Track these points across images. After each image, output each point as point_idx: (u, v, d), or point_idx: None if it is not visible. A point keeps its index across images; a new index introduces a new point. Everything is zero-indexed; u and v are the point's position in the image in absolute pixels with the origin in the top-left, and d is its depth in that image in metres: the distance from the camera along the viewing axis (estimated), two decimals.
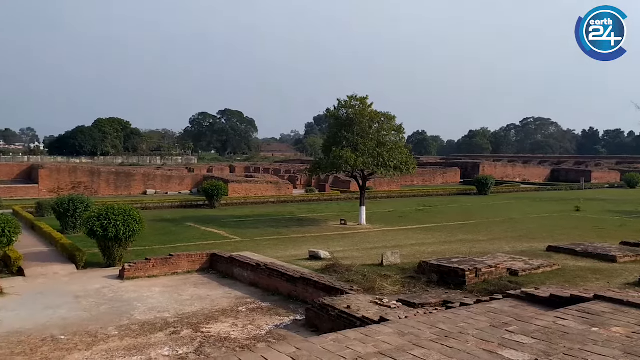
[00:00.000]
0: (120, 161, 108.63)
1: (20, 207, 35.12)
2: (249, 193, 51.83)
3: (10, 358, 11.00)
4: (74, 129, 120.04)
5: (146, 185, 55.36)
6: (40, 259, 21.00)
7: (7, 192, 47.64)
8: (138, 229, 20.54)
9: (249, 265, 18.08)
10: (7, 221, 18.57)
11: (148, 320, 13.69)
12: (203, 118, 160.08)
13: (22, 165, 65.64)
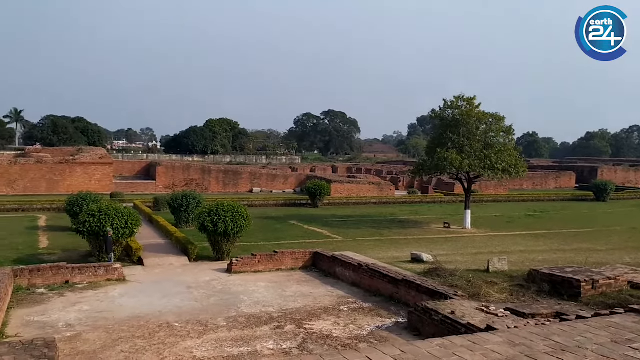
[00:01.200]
0: (228, 160, 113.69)
1: (140, 202, 37.83)
2: (351, 193, 52.13)
3: (132, 340, 11.88)
4: (187, 129, 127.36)
5: (252, 184, 57.47)
6: (157, 250, 22.48)
7: (129, 187, 51.58)
8: (245, 226, 21.36)
9: (350, 265, 18.17)
10: (130, 214, 20.09)
11: (254, 314, 14.19)
12: (307, 119, 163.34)
13: (142, 162, 70.66)
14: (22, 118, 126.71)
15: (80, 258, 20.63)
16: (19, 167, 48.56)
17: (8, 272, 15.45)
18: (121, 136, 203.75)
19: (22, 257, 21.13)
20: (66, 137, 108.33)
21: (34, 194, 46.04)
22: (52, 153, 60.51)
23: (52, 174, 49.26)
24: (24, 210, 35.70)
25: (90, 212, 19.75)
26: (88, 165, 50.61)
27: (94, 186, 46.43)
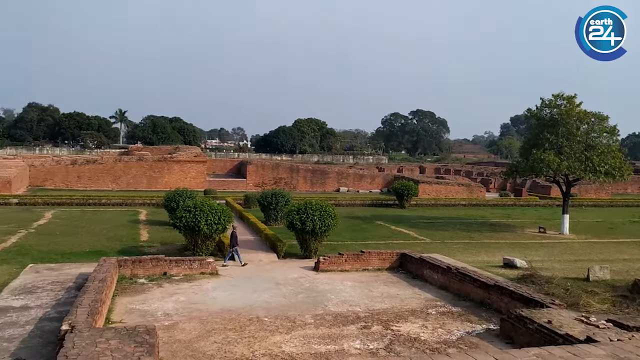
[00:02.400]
0: (315, 159, 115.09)
1: (232, 199, 39.19)
2: (439, 194, 51.05)
3: (224, 332, 12.33)
4: (276, 129, 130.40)
5: (339, 183, 57.81)
6: (247, 246, 23.16)
7: (221, 185, 53.64)
8: (332, 225, 21.52)
9: (439, 267, 17.79)
10: (223, 211, 20.86)
11: (341, 313, 14.25)
12: (395, 118, 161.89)
13: (233, 161, 73.21)
14: (126, 118, 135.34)
15: (176, 251, 21.70)
16: (122, 164, 51.93)
17: (113, 262, 16.55)
18: (214, 135, 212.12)
19: (125, 248, 22.58)
20: (164, 136, 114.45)
21: (135, 190, 49.05)
22: (151, 151, 64.22)
23: (152, 171, 52.23)
24: (127, 204, 38.08)
25: (186, 208, 20.71)
26: (184, 163, 53.14)
27: (189, 183, 48.67)
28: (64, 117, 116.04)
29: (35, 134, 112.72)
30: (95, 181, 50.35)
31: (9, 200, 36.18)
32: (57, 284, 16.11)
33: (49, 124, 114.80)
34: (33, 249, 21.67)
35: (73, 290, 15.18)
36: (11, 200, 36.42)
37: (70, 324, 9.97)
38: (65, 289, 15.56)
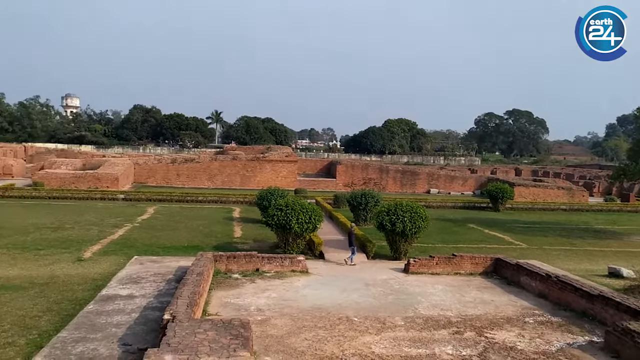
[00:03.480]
0: (405, 160, 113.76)
1: (321, 198, 39.60)
2: (537, 198, 48.72)
3: (314, 330, 12.47)
4: (366, 129, 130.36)
5: (430, 185, 56.78)
6: (336, 245, 23.31)
7: (311, 184, 54.42)
8: (423, 226, 21.14)
9: (537, 274, 16.94)
10: (313, 210, 21.12)
11: (431, 316, 13.97)
12: (489, 118, 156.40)
13: (323, 161, 74.00)
14: (221, 119, 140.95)
15: (268, 248, 22.26)
16: (218, 163, 54.11)
17: (210, 257, 17.27)
18: (304, 135, 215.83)
19: (220, 244, 23.48)
20: (257, 136, 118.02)
21: (229, 188, 50.93)
22: (245, 151, 66.43)
23: (245, 170, 53.99)
24: (222, 202, 39.60)
25: (278, 206, 21.18)
26: (276, 162, 54.45)
27: (280, 182, 49.80)
28: (165, 118, 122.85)
29: (140, 134, 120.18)
30: (192, 179, 52.85)
31: (116, 196, 38.82)
32: (158, 275, 17.05)
33: (152, 124, 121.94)
34: (137, 242, 23.09)
35: (173, 282, 16.00)
36: (118, 195, 39.05)
37: (171, 314, 10.51)
38: (165, 280, 16.43)
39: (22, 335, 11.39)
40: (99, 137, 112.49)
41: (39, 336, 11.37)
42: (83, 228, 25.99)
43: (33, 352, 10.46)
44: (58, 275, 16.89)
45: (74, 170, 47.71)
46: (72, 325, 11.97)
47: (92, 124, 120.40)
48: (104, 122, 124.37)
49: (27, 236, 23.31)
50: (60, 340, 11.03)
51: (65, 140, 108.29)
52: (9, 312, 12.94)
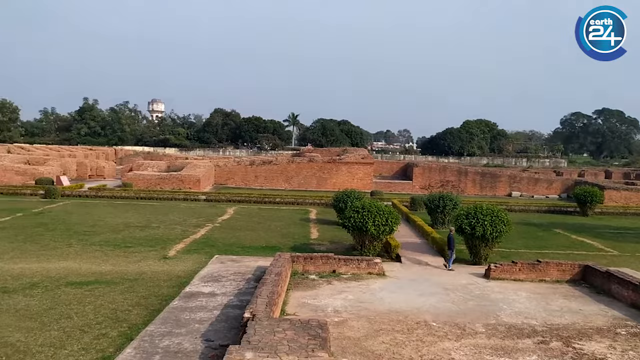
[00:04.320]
0: (485, 162, 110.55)
1: (398, 201, 39.24)
2: (629, 202, 45.78)
3: (392, 333, 12.35)
4: (443, 131, 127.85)
5: (511, 187, 54.80)
6: (413, 248, 23.01)
7: (387, 186, 54.02)
8: (505, 231, 20.41)
9: (630, 283, 15.91)
10: (390, 212, 20.94)
11: (514, 324, 13.45)
12: (576, 118, 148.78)
13: (399, 163, 73.27)
14: (298, 121, 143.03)
15: (344, 250, 22.30)
16: (295, 165, 54.91)
17: (287, 257, 17.53)
18: (380, 137, 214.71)
19: (297, 245, 23.79)
20: (333, 138, 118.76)
21: (305, 190, 51.53)
22: (321, 153, 66.96)
23: (321, 172, 54.42)
24: (298, 203, 40.14)
25: (354, 208, 21.17)
26: (352, 164, 54.50)
27: (356, 184, 49.81)
28: (244, 121, 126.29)
29: (220, 137, 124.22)
30: (270, 181, 53.95)
31: (198, 197, 40.33)
32: (238, 274, 17.52)
33: (231, 127, 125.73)
34: (218, 242, 23.85)
35: (252, 282, 16.38)
36: (200, 196, 40.55)
37: (251, 313, 10.76)
38: (245, 279, 16.85)
39: (114, 328, 12.07)
40: (181, 140, 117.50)
41: (129, 329, 12.01)
42: (168, 227, 27.18)
43: (124, 343, 11.05)
44: (145, 271, 17.76)
45: (159, 172, 50.04)
46: (158, 320, 12.54)
47: (175, 128, 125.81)
48: (186, 126, 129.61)
49: (118, 234, 24.69)
50: (148, 333, 11.58)
51: (151, 143, 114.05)
52: (102, 305, 13.76)
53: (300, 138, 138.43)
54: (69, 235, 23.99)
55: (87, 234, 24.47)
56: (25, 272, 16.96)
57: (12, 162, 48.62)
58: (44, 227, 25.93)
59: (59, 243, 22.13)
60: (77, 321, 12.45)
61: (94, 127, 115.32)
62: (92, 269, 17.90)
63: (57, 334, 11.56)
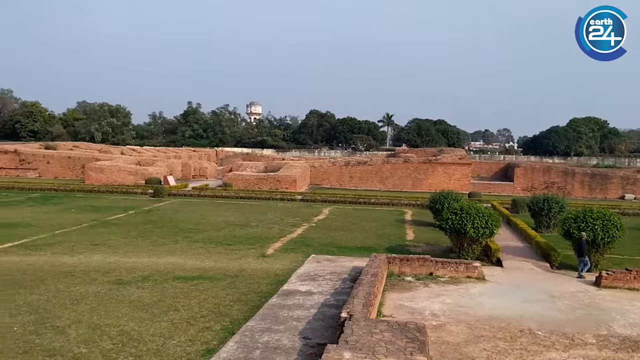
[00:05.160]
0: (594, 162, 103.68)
1: (498, 203, 37.75)
2: None
3: (493, 340, 11.89)
4: (547, 129, 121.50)
5: (624, 189, 50.92)
6: (515, 252, 22.03)
7: (486, 187, 52.16)
8: (618, 236, 19.03)
9: None
10: (490, 215, 20.18)
11: (629, 336, 12.47)
12: None
13: (499, 163, 70.57)
14: (393, 122, 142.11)
15: (441, 252, 21.79)
16: (389, 166, 54.53)
17: (383, 258, 17.43)
18: (478, 137, 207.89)
19: (393, 246, 23.58)
20: (428, 138, 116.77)
21: (400, 190, 51.01)
22: (416, 153, 66.04)
23: (416, 173, 53.61)
24: (393, 204, 39.80)
25: (452, 210, 20.63)
26: (448, 165, 53.21)
27: (452, 185, 48.59)
28: (338, 122, 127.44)
29: (315, 138, 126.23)
30: (364, 181, 53.95)
31: (294, 197, 41.18)
32: (334, 274, 17.66)
33: (326, 128, 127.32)
34: (314, 241, 24.20)
35: (348, 282, 16.45)
36: (296, 196, 41.38)
37: (348, 313, 10.79)
38: (341, 279, 16.96)
39: (217, 322, 12.62)
40: (278, 141, 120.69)
41: (231, 323, 12.49)
42: (266, 226, 27.99)
43: (226, 337, 11.51)
44: (245, 269, 18.39)
45: (257, 172, 51.66)
46: (258, 316, 12.93)
47: (272, 129, 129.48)
48: (283, 127, 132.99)
49: (220, 232, 25.78)
50: (249, 329, 11.98)
51: (250, 144, 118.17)
52: (206, 299, 14.42)
53: (395, 138, 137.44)
54: (175, 232, 25.40)
55: (191, 231, 25.78)
56: (137, 266, 18.18)
57: (125, 162, 52.34)
58: (153, 224, 27.66)
59: (167, 239, 23.50)
60: (184, 314, 13.14)
61: (197, 129, 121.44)
62: (196, 264, 18.84)
63: (166, 325, 12.26)
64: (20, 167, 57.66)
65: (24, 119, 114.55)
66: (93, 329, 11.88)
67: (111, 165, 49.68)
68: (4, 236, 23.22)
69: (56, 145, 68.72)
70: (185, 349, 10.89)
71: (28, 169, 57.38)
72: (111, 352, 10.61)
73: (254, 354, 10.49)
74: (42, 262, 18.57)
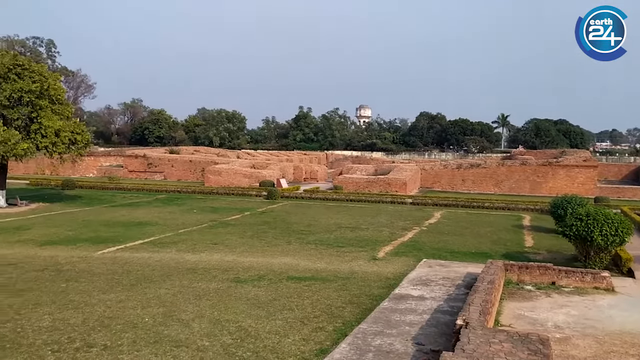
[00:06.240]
0: None
1: (629, 208, 34.71)
2: None
3: (625, 357, 10.90)
4: None
5: None
6: None
7: (614, 192, 48.24)
8: None
9: None
10: (621, 221, 18.60)
11: None
12: None
13: (629, 166, 64.97)
14: (508, 123, 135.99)
15: (564, 261, 20.43)
16: (505, 168, 52.20)
17: (500, 265, 16.65)
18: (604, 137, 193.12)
19: (510, 252, 22.51)
20: (548, 139, 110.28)
21: (517, 194, 48.63)
22: (534, 155, 62.65)
23: (535, 176, 50.82)
24: (509, 209, 38.01)
25: (577, 215, 19.28)
26: (571, 167, 49.90)
27: (575, 189, 45.49)
28: (449, 123, 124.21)
29: (425, 140, 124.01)
30: (478, 185, 52.11)
31: (404, 200, 40.74)
32: (447, 279, 17.18)
33: (437, 130, 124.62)
34: (425, 245, 23.74)
35: (462, 288, 15.93)
36: (406, 200, 40.91)
37: (464, 320, 10.42)
38: (454, 285, 16.45)
39: (329, 322, 12.76)
40: (387, 144, 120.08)
41: (343, 325, 12.57)
42: (376, 229, 27.93)
43: (339, 338, 11.60)
44: (356, 271, 18.45)
45: (367, 175, 51.74)
46: (370, 319, 12.89)
47: (381, 132, 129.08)
48: (392, 130, 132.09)
49: (331, 234, 26.13)
50: (361, 331, 11.98)
51: (359, 147, 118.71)
52: (319, 300, 14.65)
53: (511, 140, 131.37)
54: (288, 233, 26.13)
55: (303, 232, 26.38)
56: (253, 265, 18.92)
57: (241, 166, 54.83)
58: (267, 225, 28.67)
59: (280, 240, 24.23)
60: (298, 313, 13.44)
61: (308, 133, 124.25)
62: (308, 265, 19.22)
63: (281, 324, 12.61)
64: (148, 171, 62.50)
65: (152, 126, 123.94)
66: (214, 323, 12.51)
67: (228, 169, 52.29)
68: (136, 234, 25.26)
69: (179, 150, 73.70)
70: (300, 348, 11.12)
71: (155, 172, 62.06)
72: (231, 346, 11.10)
73: (367, 357, 10.46)
74: (168, 258, 19.93)
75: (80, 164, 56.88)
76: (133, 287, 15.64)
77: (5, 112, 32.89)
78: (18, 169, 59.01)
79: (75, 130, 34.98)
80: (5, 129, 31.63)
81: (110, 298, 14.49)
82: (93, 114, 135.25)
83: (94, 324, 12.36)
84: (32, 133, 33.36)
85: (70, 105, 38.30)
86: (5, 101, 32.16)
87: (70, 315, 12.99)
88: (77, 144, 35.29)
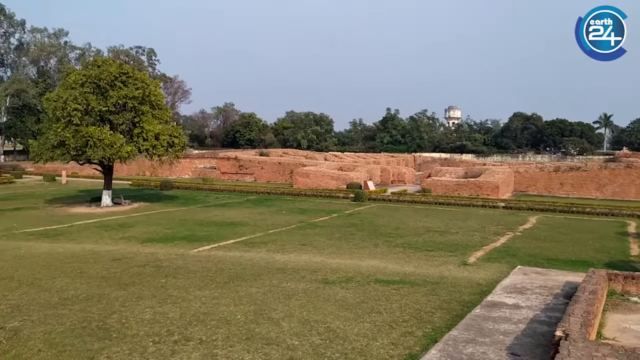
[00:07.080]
0: None
1: None
2: None
3: None
4: None
5: None
6: None
7: None
8: None
9: None
10: None
11: None
12: None
13: None
14: (611, 123, 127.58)
15: None
16: (608, 171, 48.92)
17: (603, 274, 15.60)
18: None
19: (613, 261, 21.06)
20: None
21: (621, 199, 45.43)
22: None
23: None
24: (613, 214, 35.57)
25: None
26: None
27: None
28: (546, 124, 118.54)
29: (519, 142, 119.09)
30: (577, 189, 49.22)
31: (496, 204, 39.26)
32: (544, 288, 16.34)
33: (532, 131, 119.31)
34: (520, 251, 22.74)
35: (561, 297, 15.08)
36: (498, 203, 39.41)
37: (564, 332, 9.86)
38: (552, 294, 15.61)
39: (419, 327, 12.53)
40: (478, 146, 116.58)
41: (433, 331, 12.30)
42: (466, 234, 27.13)
43: (429, 344, 11.36)
44: (446, 276, 18.00)
45: (457, 178, 50.44)
46: (461, 326, 12.52)
47: (472, 134, 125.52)
48: (483, 132, 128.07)
49: (419, 237, 25.71)
50: (452, 338, 11.66)
51: (448, 149, 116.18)
52: (407, 304, 14.44)
53: (614, 141, 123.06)
54: (375, 236, 26.01)
55: (391, 235, 26.15)
56: (341, 267, 18.99)
57: (328, 168, 55.32)
58: (354, 227, 28.70)
59: (367, 243, 24.16)
60: (386, 317, 13.32)
61: (395, 135, 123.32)
62: (396, 269, 19.00)
63: (369, 326, 12.55)
64: (240, 172, 64.68)
65: (242, 129, 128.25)
66: (303, 323, 12.68)
67: (316, 171, 52.95)
68: (228, 233, 26.21)
69: (268, 152, 75.72)
70: (388, 352, 11.00)
71: (246, 174, 64.11)
72: (320, 347, 11.20)
73: None
74: (259, 258, 20.48)
75: (177, 166, 60.08)
76: (226, 285, 16.21)
77: (111, 118, 35.38)
78: (122, 170, 63.21)
79: (173, 133, 36.98)
80: (112, 133, 34.03)
81: (205, 294, 15.11)
82: (188, 118, 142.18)
83: (190, 318, 12.94)
84: (135, 137, 35.63)
85: (169, 110, 40.55)
86: (112, 107, 34.56)
87: (169, 309, 13.69)
88: (174, 146, 37.30)
